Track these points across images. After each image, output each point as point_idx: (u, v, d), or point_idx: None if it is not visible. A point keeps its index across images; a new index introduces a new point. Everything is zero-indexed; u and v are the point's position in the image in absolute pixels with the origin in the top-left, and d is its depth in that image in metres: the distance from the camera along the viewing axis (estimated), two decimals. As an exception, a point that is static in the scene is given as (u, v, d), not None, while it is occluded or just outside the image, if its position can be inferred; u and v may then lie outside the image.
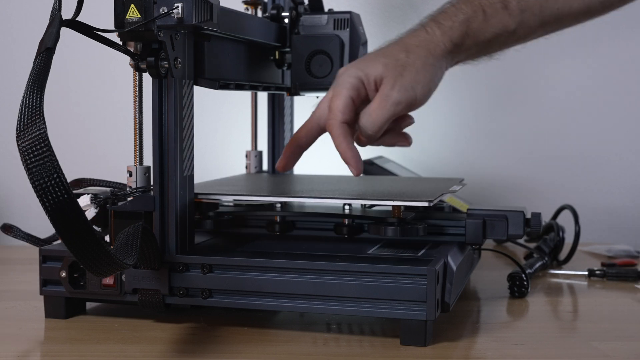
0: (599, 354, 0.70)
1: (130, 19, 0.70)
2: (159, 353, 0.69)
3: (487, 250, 1.08)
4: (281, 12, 0.98)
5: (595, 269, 1.03)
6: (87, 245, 0.59)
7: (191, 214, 0.77)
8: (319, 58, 0.96)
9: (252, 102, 1.10)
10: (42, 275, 0.79)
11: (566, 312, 0.89)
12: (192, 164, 0.77)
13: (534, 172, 1.36)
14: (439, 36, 0.83)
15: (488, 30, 0.84)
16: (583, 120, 1.34)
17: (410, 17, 1.32)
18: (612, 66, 1.34)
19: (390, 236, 0.82)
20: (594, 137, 1.35)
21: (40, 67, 0.62)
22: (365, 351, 0.70)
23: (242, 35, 0.85)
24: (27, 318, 0.80)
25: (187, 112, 0.76)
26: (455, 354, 0.70)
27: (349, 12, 0.97)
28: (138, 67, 0.73)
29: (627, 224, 1.35)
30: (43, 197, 0.56)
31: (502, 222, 0.83)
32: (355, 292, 0.71)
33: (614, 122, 1.35)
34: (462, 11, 0.84)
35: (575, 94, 1.34)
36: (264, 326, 0.77)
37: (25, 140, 0.57)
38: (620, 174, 1.35)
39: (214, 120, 1.33)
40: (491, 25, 0.83)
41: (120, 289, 0.76)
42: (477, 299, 0.91)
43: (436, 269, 0.70)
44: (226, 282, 0.74)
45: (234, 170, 1.14)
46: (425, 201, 0.77)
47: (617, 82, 1.34)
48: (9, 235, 0.85)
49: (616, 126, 1.35)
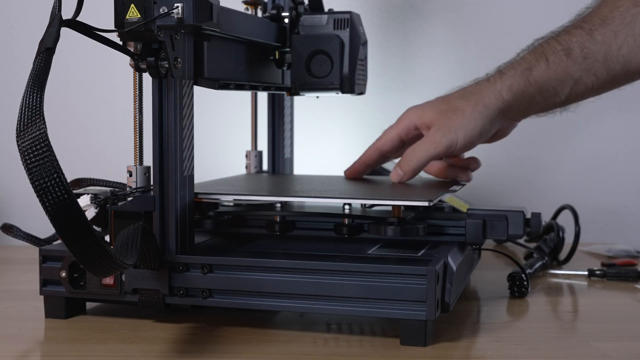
0: (599, 354, 0.70)
1: (130, 19, 0.70)
2: (159, 353, 0.69)
3: (487, 250, 1.08)
4: (281, 12, 0.98)
5: (595, 269, 1.03)
6: (87, 245, 0.59)
7: (191, 214, 0.77)
8: (319, 58, 0.96)
9: (252, 102, 1.10)
10: (42, 275, 0.79)
11: (566, 312, 0.89)
12: (192, 164, 0.77)
13: (534, 172, 1.36)
14: (498, 85, 0.86)
15: (552, 78, 0.84)
16: (583, 120, 1.34)
17: (410, 17, 1.32)
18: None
19: (390, 236, 0.82)
20: (594, 137, 1.35)
21: (40, 67, 0.62)
22: (365, 351, 0.70)
23: (242, 35, 0.85)
24: (27, 318, 0.80)
25: (187, 112, 0.76)
26: (455, 354, 0.70)
27: (349, 12, 0.97)
28: (138, 67, 0.73)
29: (627, 224, 1.35)
30: (43, 197, 0.56)
31: (502, 222, 0.83)
32: (355, 292, 0.71)
33: (614, 122, 1.35)
34: (525, 60, 0.86)
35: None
36: (264, 326, 0.77)
37: (25, 140, 0.57)
38: (620, 174, 1.35)
39: (214, 120, 1.33)
40: (554, 73, 0.84)
41: (120, 289, 0.76)
42: (477, 299, 0.91)
43: (436, 269, 0.70)
44: (226, 282, 0.74)
45: (234, 170, 1.14)
46: (425, 201, 0.77)
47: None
48: (9, 235, 0.85)
49: (616, 126, 1.35)
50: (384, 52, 1.33)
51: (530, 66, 0.85)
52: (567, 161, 1.36)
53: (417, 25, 1.33)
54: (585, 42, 0.84)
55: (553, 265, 1.10)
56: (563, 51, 0.84)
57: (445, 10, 1.33)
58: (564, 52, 0.84)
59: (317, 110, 1.30)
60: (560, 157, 1.36)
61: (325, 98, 1.06)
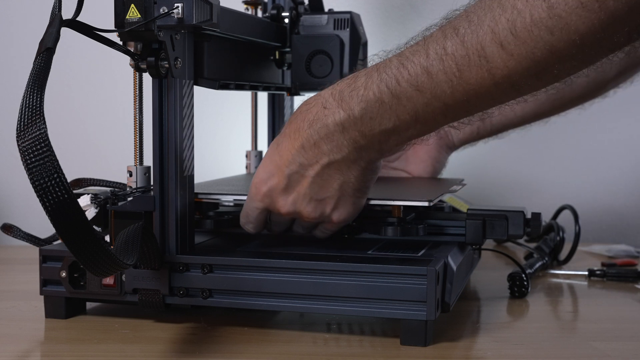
0: (599, 354, 0.70)
1: (131, 19, 0.70)
2: (159, 353, 0.69)
3: (487, 250, 1.08)
4: (281, 12, 0.97)
5: (595, 269, 1.03)
6: (87, 245, 0.59)
7: (191, 214, 0.77)
8: (319, 58, 0.96)
9: (252, 102, 1.10)
10: (42, 275, 0.79)
11: (566, 312, 0.89)
12: (192, 164, 0.77)
13: (534, 172, 1.36)
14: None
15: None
16: (583, 120, 1.33)
17: (410, 17, 1.32)
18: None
19: (390, 236, 0.82)
20: (594, 137, 1.35)
21: (40, 67, 0.62)
22: (365, 351, 0.70)
23: (242, 35, 0.85)
24: (27, 318, 0.80)
25: (187, 112, 0.76)
26: (455, 354, 0.70)
27: (349, 12, 0.97)
28: (138, 67, 0.73)
29: (627, 224, 1.35)
30: (43, 197, 0.56)
31: (502, 222, 0.83)
32: (355, 292, 0.71)
33: (614, 122, 1.35)
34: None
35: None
36: (264, 326, 0.77)
37: (25, 140, 0.57)
38: (620, 174, 1.35)
39: (214, 120, 1.33)
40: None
41: (120, 289, 0.76)
42: (477, 299, 0.91)
43: (436, 269, 0.70)
44: (226, 282, 0.74)
45: (234, 170, 1.14)
46: (425, 201, 0.77)
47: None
48: (9, 235, 0.85)
49: (616, 126, 1.35)
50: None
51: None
52: (567, 161, 1.36)
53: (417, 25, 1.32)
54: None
55: (553, 265, 1.10)
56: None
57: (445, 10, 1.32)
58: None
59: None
60: (560, 157, 1.36)
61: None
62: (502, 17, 0.61)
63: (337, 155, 0.72)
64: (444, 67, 0.65)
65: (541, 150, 1.35)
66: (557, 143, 1.35)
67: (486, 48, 0.62)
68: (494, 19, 0.62)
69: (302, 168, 0.73)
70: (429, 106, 0.67)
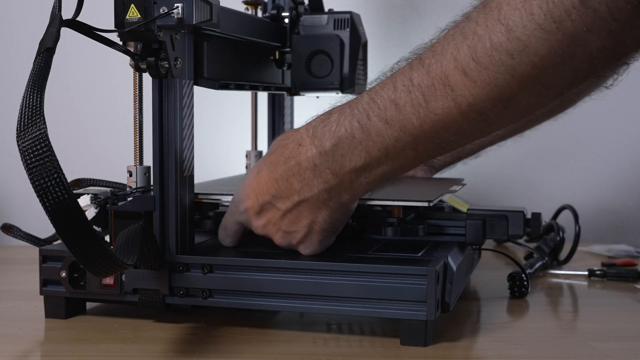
0: (599, 354, 0.70)
1: (130, 19, 0.70)
2: (159, 353, 0.69)
3: (487, 250, 1.08)
4: (281, 12, 0.97)
5: (595, 269, 1.03)
6: (87, 245, 0.59)
7: (191, 214, 0.77)
8: (319, 58, 0.96)
9: (252, 102, 1.10)
10: (42, 275, 0.79)
11: (566, 312, 0.89)
12: (192, 164, 0.77)
13: (534, 172, 1.36)
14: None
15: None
16: (583, 119, 1.34)
17: (410, 17, 1.32)
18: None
19: (390, 236, 0.82)
20: (594, 137, 1.35)
21: (40, 67, 0.62)
22: (365, 351, 0.70)
23: (242, 35, 0.85)
24: (27, 318, 0.80)
25: (187, 112, 0.76)
26: (455, 354, 0.70)
27: (349, 12, 0.97)
28: (138, 67, 0.73)
29: (627, 224, 1.35)
30: (43, 197, 0.56)
31: (502, 222, 0.83)
32: (355, 292, 0.71)
33: (615, 122, 1.35)
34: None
35: (575, 94, 1.34)
36: (264, 326, 0.77)
37: (25, 140, 0.57)
38: (620, 174, 1.35)
39: (214, 120, 1.33)
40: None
41: (120, 289, 0.76)
42: (477, 299, 0.91)
43: (436, 269, 0.70)
44: (226, 282, 0.74)
45: (234, 170, 1.14)
46: (425, 201, 0.77)
47: (617, 81, 1.34)
48: (9, 235, 0.85)
49: (616, 126, 1.35)
50: (384, 52, 1.32)
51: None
52: (567, 161, 1.36)
53: (417, 25, 1.33)
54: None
55: (553, 265, 1.10)
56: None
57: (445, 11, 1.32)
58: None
59: (317, 110, 1.30)
60: (560, 157, 1.36)
61: (326, 98, 1.06)
62: (463, 44, 0.62)
63: (307, 193, 0.73)
64: (410, 98, 0.65)
65: (541, 150, 1.35)
66: (557, 143, 1.35)
67: (450, 77, 0.63)
68: (457, 47, 0.62)
69: (275, 200, 0.74)
70: (399, 141, 0.67)
